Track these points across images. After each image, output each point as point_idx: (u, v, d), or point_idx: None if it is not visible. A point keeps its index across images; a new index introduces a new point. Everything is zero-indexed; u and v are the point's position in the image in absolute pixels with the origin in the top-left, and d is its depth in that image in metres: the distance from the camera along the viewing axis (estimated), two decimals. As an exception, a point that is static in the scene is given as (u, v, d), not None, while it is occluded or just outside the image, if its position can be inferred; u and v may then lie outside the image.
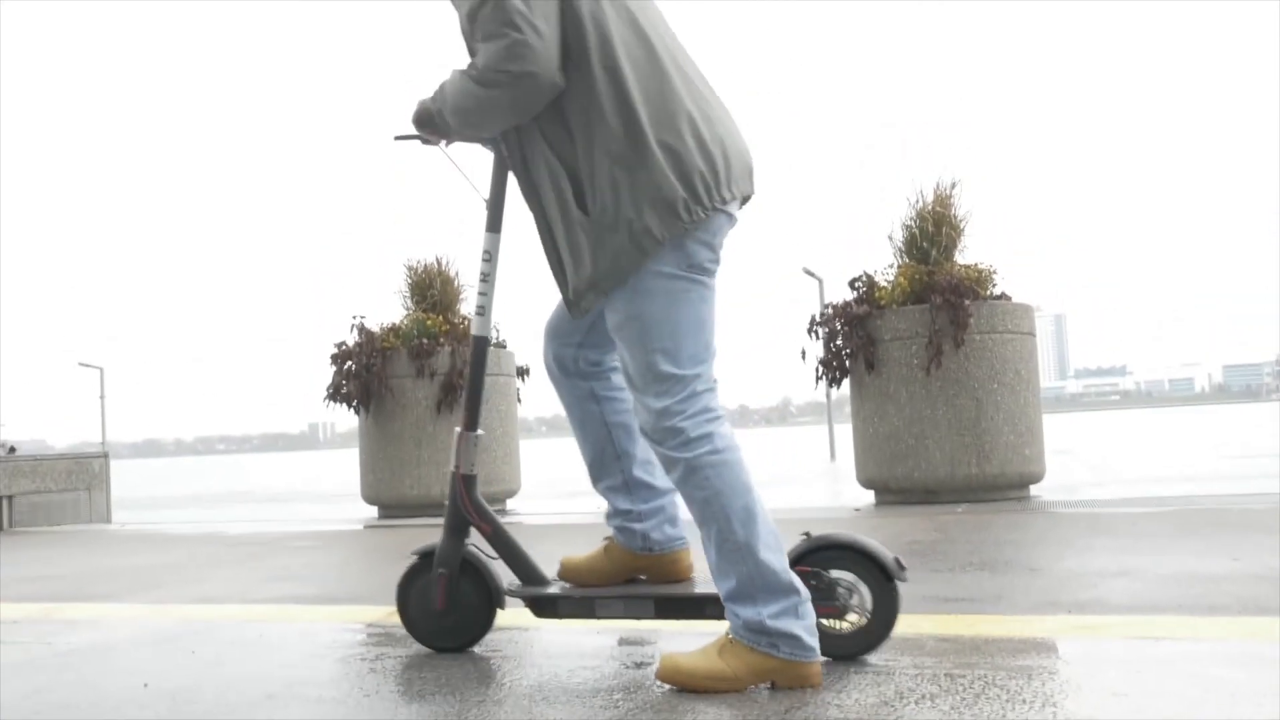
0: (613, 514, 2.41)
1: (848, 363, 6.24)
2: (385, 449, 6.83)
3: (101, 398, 57.93)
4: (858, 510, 5.99)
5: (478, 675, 2.28)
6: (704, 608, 2.27)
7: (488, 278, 2.41)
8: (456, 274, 7.30)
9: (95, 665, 2.62)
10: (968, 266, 6.19)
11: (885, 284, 6.30)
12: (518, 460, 7.34)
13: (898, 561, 2.18)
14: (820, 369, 6.35)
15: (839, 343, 6.24)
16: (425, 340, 6.78)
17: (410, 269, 7.20)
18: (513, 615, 2.59)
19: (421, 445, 6.73)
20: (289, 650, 2.68)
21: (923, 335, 5.96)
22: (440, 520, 2.48)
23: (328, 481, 29.98)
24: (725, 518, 2.04)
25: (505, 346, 7.33)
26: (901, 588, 2.20)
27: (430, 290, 7.12)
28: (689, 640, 2.27)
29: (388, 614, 3.10)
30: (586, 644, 2.55)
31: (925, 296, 6.03)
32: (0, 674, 2.55)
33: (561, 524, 6.04)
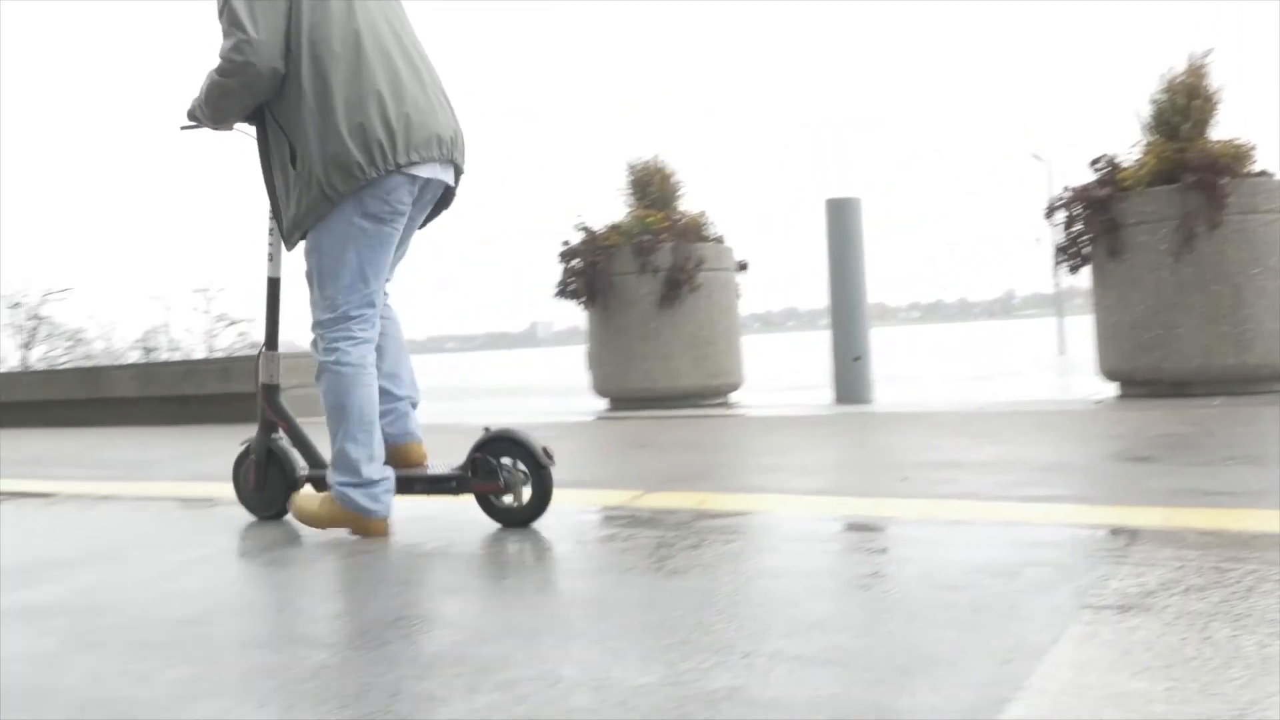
0: None
1: (1087, 249, 5.91)
2: (612, 343, 7.02)
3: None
4: (1098, 403, 5.74)
5: (729, 556, 2.36)
6: (413, 485, 2.94)
7: (273, 231, 3.06)
8: (674, 172, 7.34)
9: (370, 539, 2.87)
10: (1223, 142, 5.70)
11: (1130, 165, 5.89)
12: (739, 355, 7.40)
13: (546, 451, 2.82)
14: (1058, 255, 6.05)
15: (1079, 228, 5.90)
16: (647, 237, 6.87)
17: (631, 167, 7.29)
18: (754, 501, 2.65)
19: (645, 340, 6.88)
20: (549, 530, 2.85)
21: (1173, 218, 5.56)
22: (664, 412, 2.63)
23: (551, 376, 31.25)
24: (329, 412, 2.80)
25: (723, 241, 7.35)
26: (1119, 479, 2.18)
27: (650, 187, 7.19)
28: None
29: (632, 498, 3.24)
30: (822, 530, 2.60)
31: (1175, 176, 5.60)
32: (310, 547, 2.84)
33: (782, 416, 6.09)
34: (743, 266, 7.43)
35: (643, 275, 6.87)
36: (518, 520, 2.87)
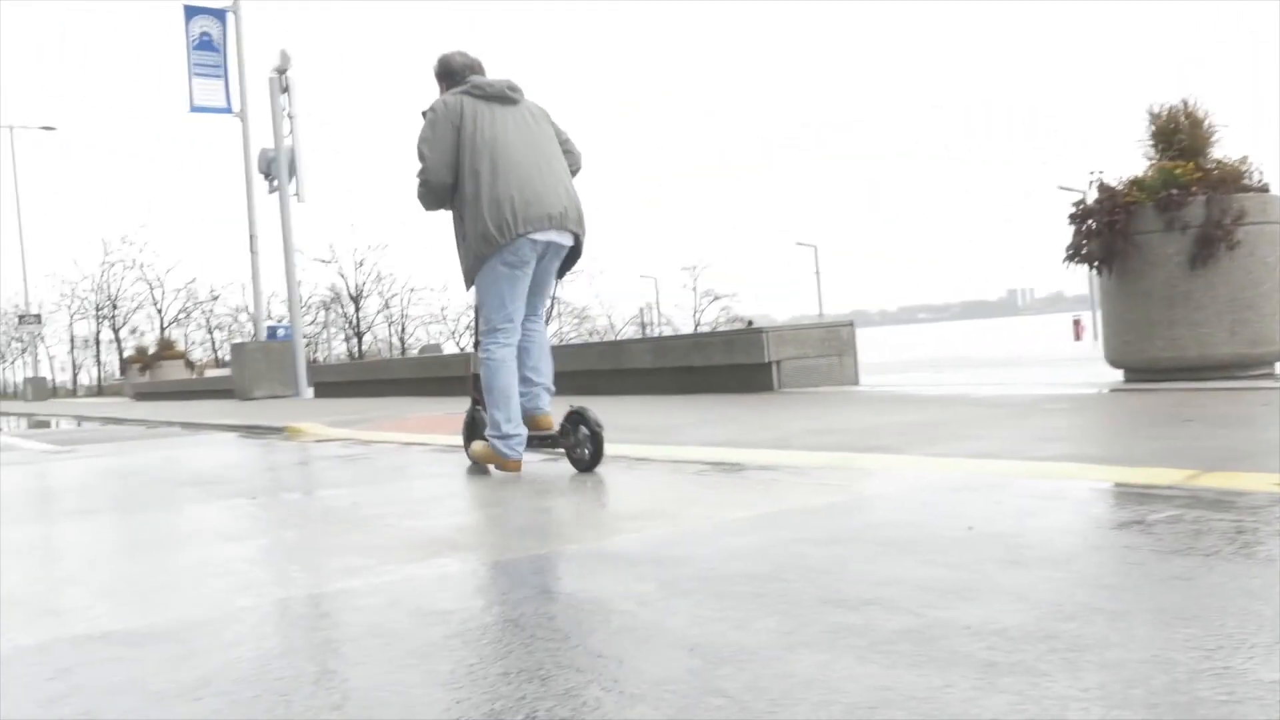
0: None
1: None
2: (1131, 310, 6.46)
3: (817, 273, 63.00)
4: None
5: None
6: (532, 441, 4.34)
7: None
8: (1206, 114, 6.56)
9: (915, 509, 2.88)
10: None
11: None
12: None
13: (597, 421, 4.12)
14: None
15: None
16: (1174, 191, 6.22)
17: (1152, 115, 6.62)
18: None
19: (1172, 305, 6.24)
20: (1091, 508, 2.69)
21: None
22: (1194, 384, 2.35)
23: (1037, 345, 29.59)
24: (486, 389, 4.26)
25: (1268, 190, 6.46)
26: None
27: (1176, 136, 6.49)
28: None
29: (1187, 477, 2.95)
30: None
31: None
32: (842, 510, 2.92)
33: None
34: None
35: (1169, 233, 6.23)
36: (584, 468, 4.20)
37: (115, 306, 56.22)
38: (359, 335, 57.66)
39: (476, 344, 4.40)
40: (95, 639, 2.03)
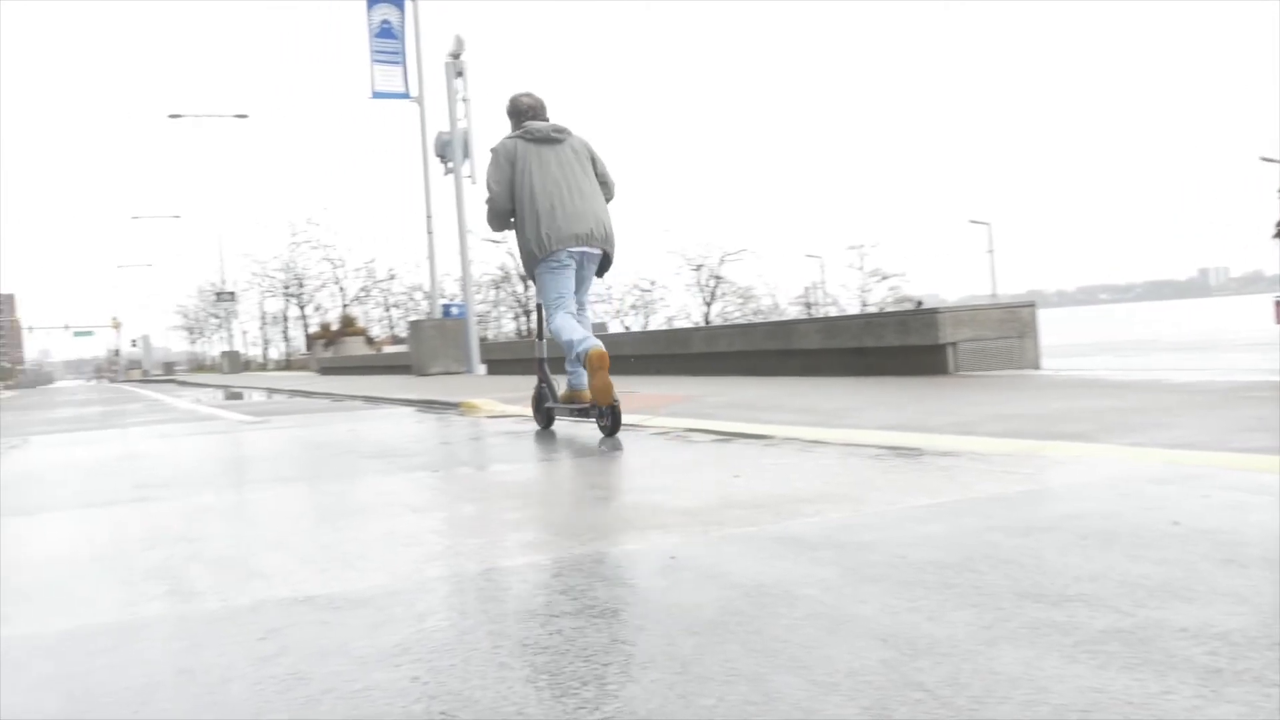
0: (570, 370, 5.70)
1: None
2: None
3: (990, 251, 60.86)
4: None
5: None
6: (572, 412, 5.71)
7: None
8: None
9: (1113, 500, 2.73)
10: None
11: None
12: None
13: (615, 397, 5.16)
14: None
15: None
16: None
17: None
18: None
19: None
20: (1316, 504, 2.49)
21: None
22: None
23: (1234, 328, 27.78)
24: (559, 339, 5.50)
25: None
26: None
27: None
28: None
29: None
30: None
31: None
32: (1034, 499, 2.81)
33: None
34: None
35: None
36: (607, 433, 5.22)
37: (301, 285, 59.23)
38: (527, 313, 59.01)
39: (539, 335, 6.12)
40: (299, 602, 2.13)
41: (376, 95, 19.89)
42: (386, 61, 19.85)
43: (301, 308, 60.15)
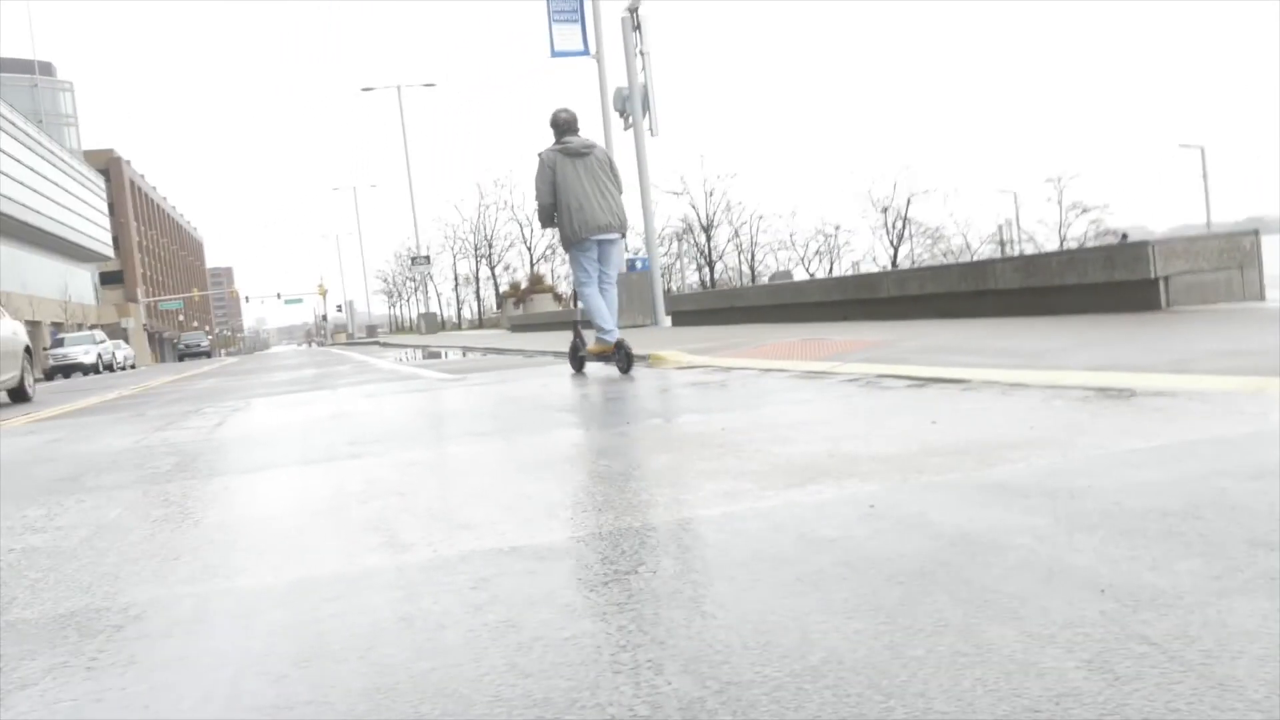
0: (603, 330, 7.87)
1: None
2: None
3: (1204, 176, 56.81)
4: None
5: None
6: (603, 358, 7.94)
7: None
8: None
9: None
10: None
11: None
12: None
13: (629, 346, 7.63)
14: None
15: None
16: None
17: None
18: None
19: None
20: None
21: None
22: None
23: None
24: (588, 312, 7.91)
25: None
26: None
27: None
28: None
29: None
30: None
31: None
32: (1265, 441, 2.61)
33: None
34: None
35: None
36: (623, 369, 7.45)
37: (490, 245, 61.03)
38: (710, 264, 59.00)
39: (574, 303, 8.37)
40: (505, 553, 2.21)
41: (556, 54, 20.16)
42: (565, 20, 20.07)
43: (491, 268, 62.04)
